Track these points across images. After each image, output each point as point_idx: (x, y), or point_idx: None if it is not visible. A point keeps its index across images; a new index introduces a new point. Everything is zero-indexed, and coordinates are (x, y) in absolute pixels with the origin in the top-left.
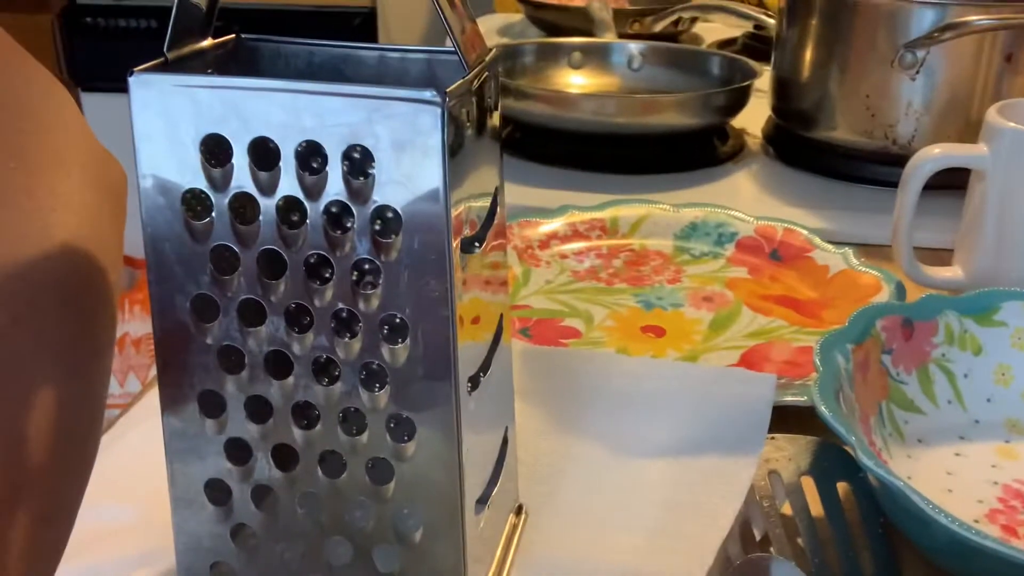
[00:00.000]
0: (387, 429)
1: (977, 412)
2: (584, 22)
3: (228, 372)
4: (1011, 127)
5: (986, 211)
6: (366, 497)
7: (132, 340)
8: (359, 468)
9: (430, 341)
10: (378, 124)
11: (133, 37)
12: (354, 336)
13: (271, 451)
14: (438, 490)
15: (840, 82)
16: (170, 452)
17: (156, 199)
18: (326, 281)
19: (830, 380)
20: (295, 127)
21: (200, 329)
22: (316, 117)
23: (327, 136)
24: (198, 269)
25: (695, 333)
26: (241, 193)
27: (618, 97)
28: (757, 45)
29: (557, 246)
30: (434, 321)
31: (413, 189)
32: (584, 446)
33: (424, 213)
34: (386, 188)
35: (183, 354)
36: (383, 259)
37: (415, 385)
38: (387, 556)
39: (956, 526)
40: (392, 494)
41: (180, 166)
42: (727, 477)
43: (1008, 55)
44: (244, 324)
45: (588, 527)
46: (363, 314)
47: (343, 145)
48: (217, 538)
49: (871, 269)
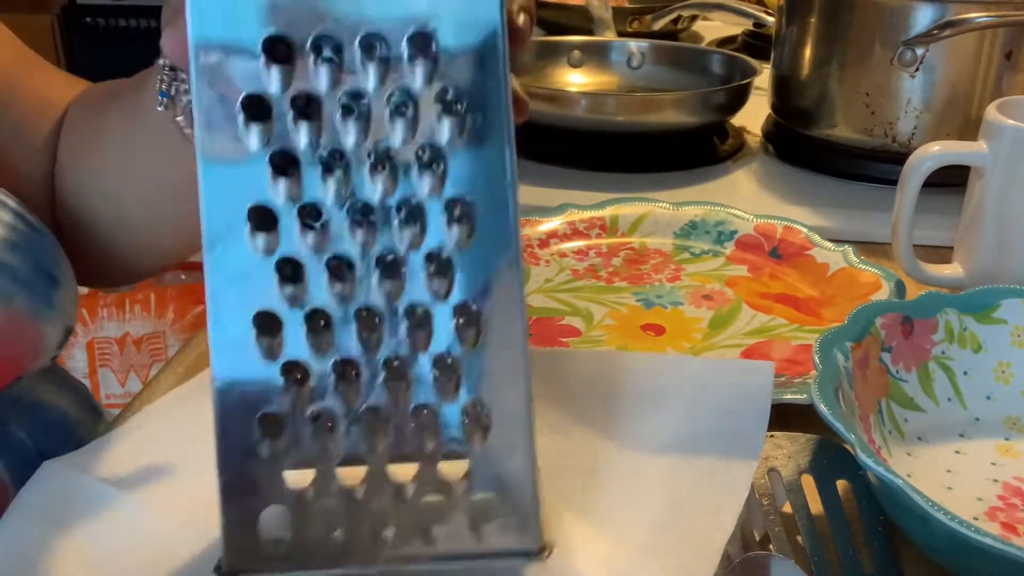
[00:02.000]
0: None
1: (977, 410)
2: (584, 20)
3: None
4: (1011, 125)
5: (986, 209)
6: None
7: (133, 340)
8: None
9: (492, 218)
10: (440, 7)
11: (133, 37)
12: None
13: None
14: (509, 382)
15: (840, 80)
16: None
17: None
18: (393, 171)
19: (830, 378)
20: (357, 17)
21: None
22: (380, 6)
23: (390, 26)
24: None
25: (695, 331)
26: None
27: (618, 95)
28: (757, 43)
29: (557, 245)
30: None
31: (474, 67)
32: (585, 443)
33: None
34: (450, 69)
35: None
36: (450, 141)
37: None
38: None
39: (956, 524)
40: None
41: (243, 70)
42: (729, 471)
43: (1008, 52)
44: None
45: (591, 525)
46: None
47: (408, 31)
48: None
49: (871, 267)
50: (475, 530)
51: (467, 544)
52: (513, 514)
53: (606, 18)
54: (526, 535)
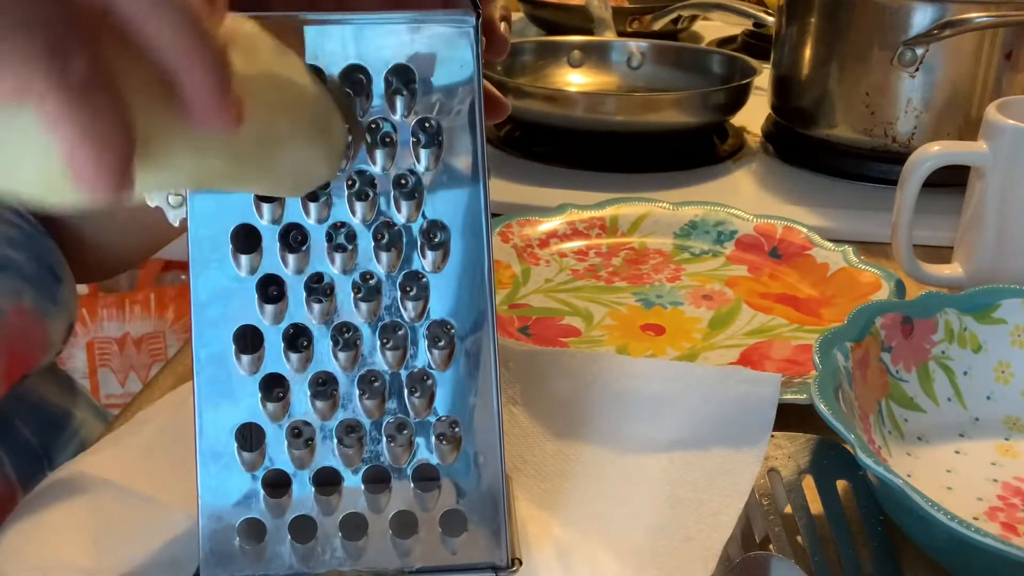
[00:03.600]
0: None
1: (977, 410)
2: (584, 20)
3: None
4: (1011, 124)
5: (986, 209)
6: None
7: (133, 340)
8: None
9: (468, 247)
10: (418, 45)
11: None
12: (394, 245)
13: (309, 383)
14: (480, 399)
15: (839, 80)
16: (200, 399)
17: None
18: (366, 198)
19: (830, 378)
20: (341, 54)
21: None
22: (361, 44)
23: (372, 61)
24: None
25: (695, 331)
26: None
27: (617, 95)
28: (757, 43)
29: (557, 245)
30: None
31: (450, 102)
32: (589, 446)
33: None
34: (427, 101)
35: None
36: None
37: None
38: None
39: (956, 524)
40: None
41: None
42: (731, 476)
43: (1008, 52)
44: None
45: (593, 526)
46: (404, 223)
47: (386, 66)
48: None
49: (871, 267)
50: (446, 543)
51: (438, 557)
52: (483, 528)
53: (606, 18)
54: (496, 549)
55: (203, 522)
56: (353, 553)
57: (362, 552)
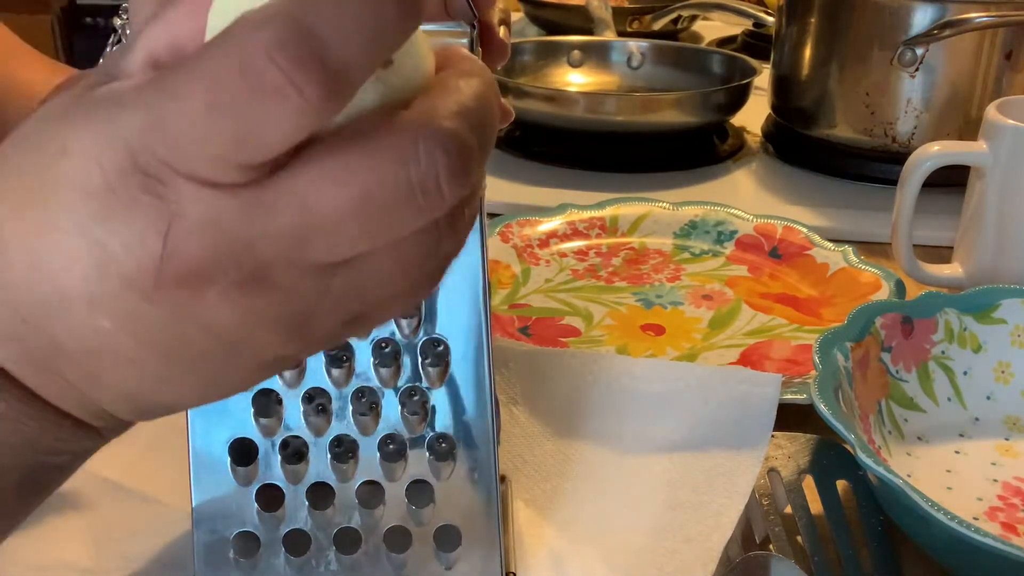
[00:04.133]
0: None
1: (977, 410)
2: (583, 20)
3: None
4: (1011, 124)
5: (986, 209)
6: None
7: None
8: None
9: (462, 262)
10: None
11: None
12: None
13: (302, 398)
14: (474, 415)
15: (839, 80)
16: (193, 413)
17: None
18: None
19: (830, 378)
20: None
21: None
22: None
23: None
24: None
25: (695, 331)
26: None
27: (617, 95)
28: (757, 43)
29: (556, 245)
30: None
31: None
32: (589, 446)
33: None
34: None
35: None
36: None
37: None
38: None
39: (956, 524)
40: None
41: None
42: (731, 476)
43: (1008, 52)
44: None
45: (593, 527)
46: None
47: None
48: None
49: (871, 267)
50: (440, 559)
51: (432, 572)
52: (477, 543)
53: (606, 18)
54: (490, 564)
55: (197, 534)
56: (348, 567)
57: (357, 566)
